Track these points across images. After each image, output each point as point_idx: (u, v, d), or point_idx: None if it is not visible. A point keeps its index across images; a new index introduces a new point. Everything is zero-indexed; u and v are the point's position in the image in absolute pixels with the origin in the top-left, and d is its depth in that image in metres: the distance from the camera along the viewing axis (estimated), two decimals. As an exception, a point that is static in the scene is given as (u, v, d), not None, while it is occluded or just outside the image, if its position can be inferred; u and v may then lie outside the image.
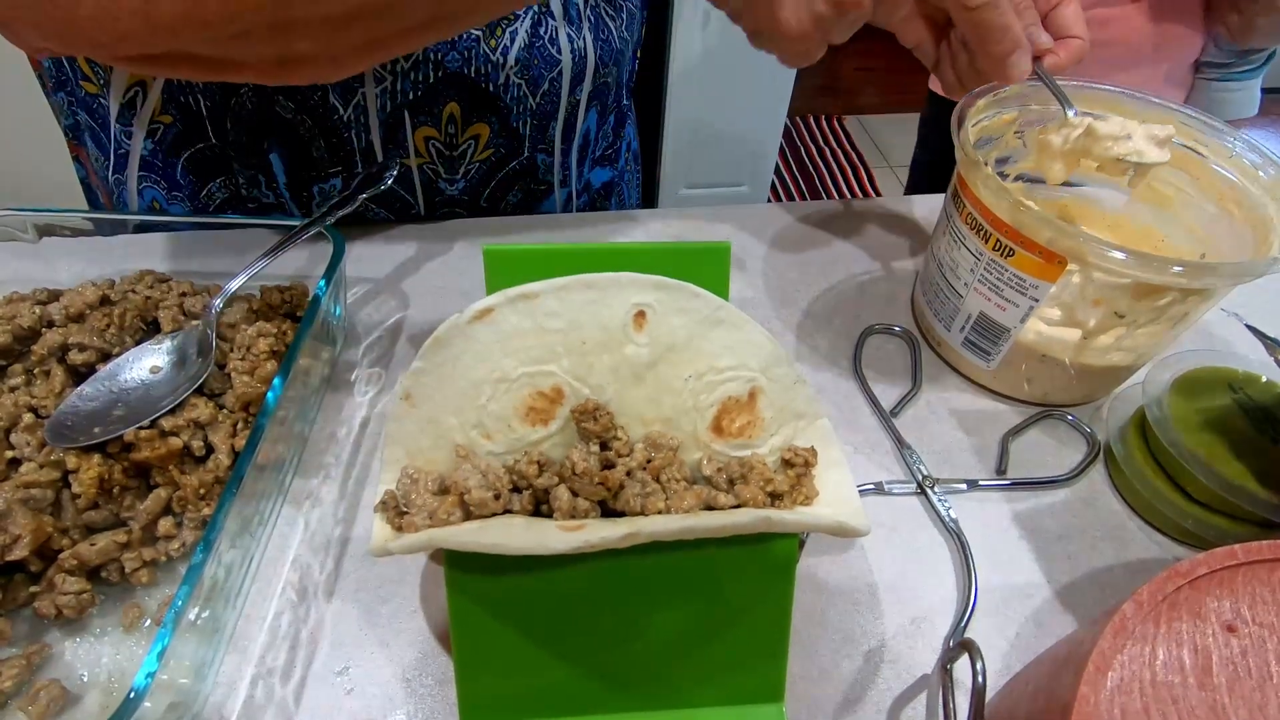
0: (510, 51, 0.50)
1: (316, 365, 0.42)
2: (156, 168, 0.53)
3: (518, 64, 0.51)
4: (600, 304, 0.31)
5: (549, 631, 0.29)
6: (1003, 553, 0.39)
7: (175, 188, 0.53)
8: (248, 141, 0.51)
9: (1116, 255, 0.36)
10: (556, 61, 0.53)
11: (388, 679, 0.33)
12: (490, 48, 0.49)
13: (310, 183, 0.53)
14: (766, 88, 1.53)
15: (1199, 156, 0.45)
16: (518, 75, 0.52)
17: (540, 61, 0.52)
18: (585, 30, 0.53)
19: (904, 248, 0.57)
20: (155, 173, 0.53)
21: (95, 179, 0.57)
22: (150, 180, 0.53)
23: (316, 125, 0.50)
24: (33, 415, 0.35)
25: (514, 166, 0.57)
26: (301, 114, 0.49)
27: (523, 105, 0.53)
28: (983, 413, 0.46)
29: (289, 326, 0.42)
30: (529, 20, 0.50)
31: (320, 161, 0.52)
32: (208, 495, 0.35)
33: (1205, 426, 0.39)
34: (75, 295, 0.39)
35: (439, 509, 0.29)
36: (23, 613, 0.32)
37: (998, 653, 0.35)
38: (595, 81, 0.57)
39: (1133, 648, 0.25)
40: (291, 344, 0.37)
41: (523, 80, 0.52)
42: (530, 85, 0.53)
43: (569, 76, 0.54)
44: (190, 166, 0.53)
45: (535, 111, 0.54)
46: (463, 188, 0.56)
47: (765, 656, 0.30)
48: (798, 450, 0.33)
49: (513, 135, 0.55)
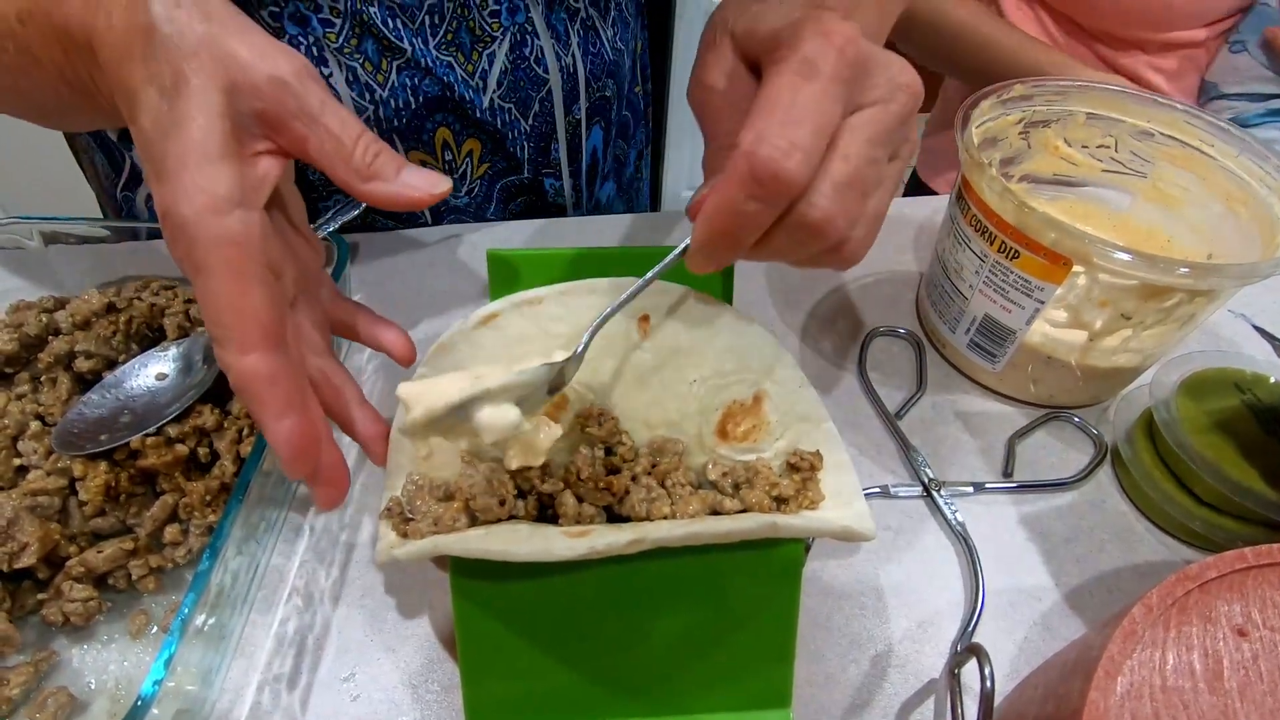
0: (490, 74, 0.49)
1: (321, 371, 0.42)
2: None
3: (500, 87, 0.50)
4: (604, 309, 0.31)
5: (555, 637, 0.29)
6: (1010, 556, 0.38)
7: None
8: None
9: (1122, 256, 0.36)
10: (544, 81, 0.51)
11: (394, 685, 0.33)
12: (468, 73, 0.48)
13: (311, 203, 0.53)
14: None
15: (1205, 156, 0.45)
16: (502, 98, 0.50)
17: (526, 82, 0.51)
18: (574, 46, 0.52)
19: (908, 250, 0.57)
20: None
21: (103, 194, 0.57)
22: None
23: None
24: (40, 423, 0.35)
25: (515, 181, 0.56)
26: None
27: (515, 129, 0.52)
28: (988, 415, 0.45)
29: (294, 332, 0.42)
30: (508, 41, 0.49)
31: (316, 184, 0.52)
32: (213, 502, 0.35)
33: (1213, 428, 0.38)
34: (81, 303, 0.39)
35: (444, 515, 0.29)
36: (30, 619, 0.33)
37: (1005, 656, 0.35)
38: (591, 98, 0.56)
39: (1142, 652, 0.25)
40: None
41: (510, 104, 0.51)
42: (520, 107, 0.51)
43: (561, 95, 0.53)
44: None
45: (530, 133, 0.53)
46: (466, 203, 0.56)
47: (772, 661, 0.30)
48: (803, 454, 0.32)
49: (509, 157, 0.54)
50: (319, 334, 0.30)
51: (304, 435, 0.25)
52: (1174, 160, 0.47)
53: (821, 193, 0.23)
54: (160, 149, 0.23)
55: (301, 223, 0.30)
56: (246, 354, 0.24)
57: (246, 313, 0.23)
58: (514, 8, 0.48)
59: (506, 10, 0.48)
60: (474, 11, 0.47)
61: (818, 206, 0.23)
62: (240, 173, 0.24)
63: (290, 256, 0.28)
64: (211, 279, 0.23)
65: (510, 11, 0.48)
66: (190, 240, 0.23)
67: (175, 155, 0.23)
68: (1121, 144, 0.48)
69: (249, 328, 0.23)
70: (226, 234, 0.23)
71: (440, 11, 0.46)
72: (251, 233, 0.24)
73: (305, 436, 0.25)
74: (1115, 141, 0.49)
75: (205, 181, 0.23)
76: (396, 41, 0.46)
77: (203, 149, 0.23)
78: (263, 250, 0.24)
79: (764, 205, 0.23)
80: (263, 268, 0.24)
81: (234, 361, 0.24)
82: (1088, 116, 0.48)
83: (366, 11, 0.44)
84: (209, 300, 0.23)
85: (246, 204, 0.24)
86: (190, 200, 0.23)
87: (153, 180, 0.23)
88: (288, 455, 0.25)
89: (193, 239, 0.23)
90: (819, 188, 0.23)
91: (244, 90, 0.24)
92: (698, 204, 0.25)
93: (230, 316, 0.23)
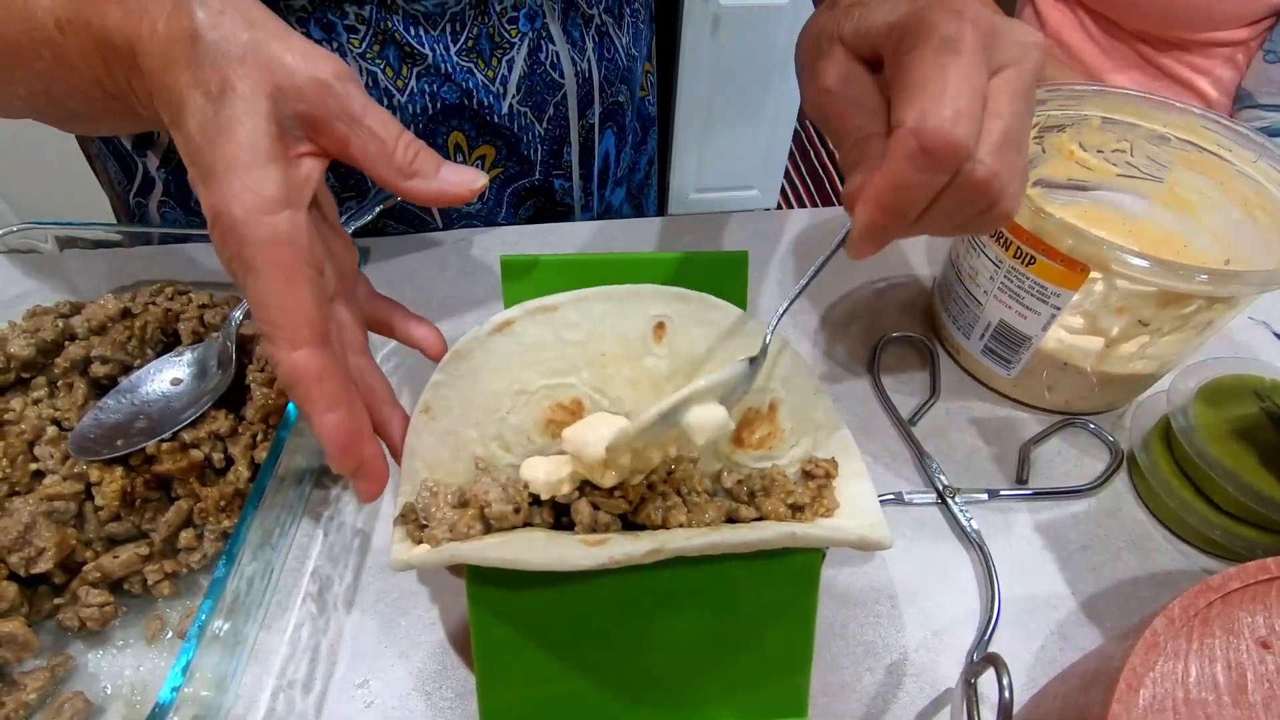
0: (510, 80, 0.50)
1: (334, 376, 0.42)
2: (173, 192, 0.53)
3: (519, 92, 0.51)
4: (620, 315, 0.31)
5: (570, 644, 0.29)
6: (1025, 563, 0.38)
7: (193, 212, 0.54)
8: None
9: (1141, 263, 0.35)
10: (559, 85, 0.52)
11: (407, 692, 0.33)
12: (488, 79, 0.49)
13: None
14: (776, 91, 1.53)
15: (1223, 161, 0.45)
16: (520, 103, 0.51)
17: (542, 87, 0.51)
18: (589, 51, 0.53)
19: (920, 254, 0.57)
20: (172, 197, 0.53)
21: (116, 201, 0.57)
22: (169, 204, 0.54)
23: None
24: (56, 428, 0.35)
25: (525, 184, 0.57)
26: None
27: (530, 133, 0.53)
28: (1002, 421, 0.45)
29: (307, 337, 0.42)
30: (525, 46, 0.49)
31: (331, 188, 0.52)
32: (228, 507, 0.35)
33: (1232, 436, 0.38)
34: (97, 308, 0.40)
35: (459, 522, 0.29)
36: (46, 624, 0.33)
37: (1022, 665, 0.34)
38: (605, 103, 0.56)
39: (1165, 664, 0.25)
40: (310, 355, 0.37)
41: (526, 108, 0.52)
42: (535, 111, 0.52)
43: (575, 99, 0.54)
44: None
45: (544, 137, 0.54)
46: (478, 208, 0.57)
47: (788, 670, 0.30)
48: (818, 462, 0.32)
49: (522, 160, 0.54)
50: (357, 331, 0.31)
51: (351, 429, 0.25)
52: (1191, 165, 0.46)
53: (985, 152, 0.24)
54: (209, 153, 0.23)
55: (335, 222, 0.31)
56: (296, 349, 0.24)
57: (296, 310, 0.24)
58: (532, 14, 0.48)
59: (525, 16, 0.48)
60: (494, 18, 0.47)
61: (983, 164, 0.24)
62: (286, 174, 0.24)
63: (329, 255, 0.28)
64: (262, 278, 0.24)
65: (529, 18, 0.48)
66: (240, 240, 0.24)
67: (224, 159, 0.23)
68: (1137, 148, 0.48)
69: (298, 324, 0.24)
70: (276, 234, 0.24)
71: (461, 19, 0.47)
72: (299, 232, 0.24)
73: (352, 431, 0.26)
74: (1130, 146, 0.48)
75: (254, 183, 0.23)
76: (418, 48, 0.46)
77: (251, 152, 0.24)
78: (310, 249, 0.25)
79: (934, 174, 0.24)
80: (310, 266, 0.25)
81: (284, 357, 0.24)
82: (1103, 121, 0.47)
83: (390, 19, 0.45)
84: (259, 298, 0.24)
85: (293, 204, 0.24)
86: (240, 202, 0.23)
87: (200, 183, 0.24)
88: (336, 449, 0.25)
89: (243, 239, 0.23)
90: (981, 148, 0.24)
91: (288, 93, 0.24)
92: (856, 192, 0.26)
93: (280, 314, 0.24)
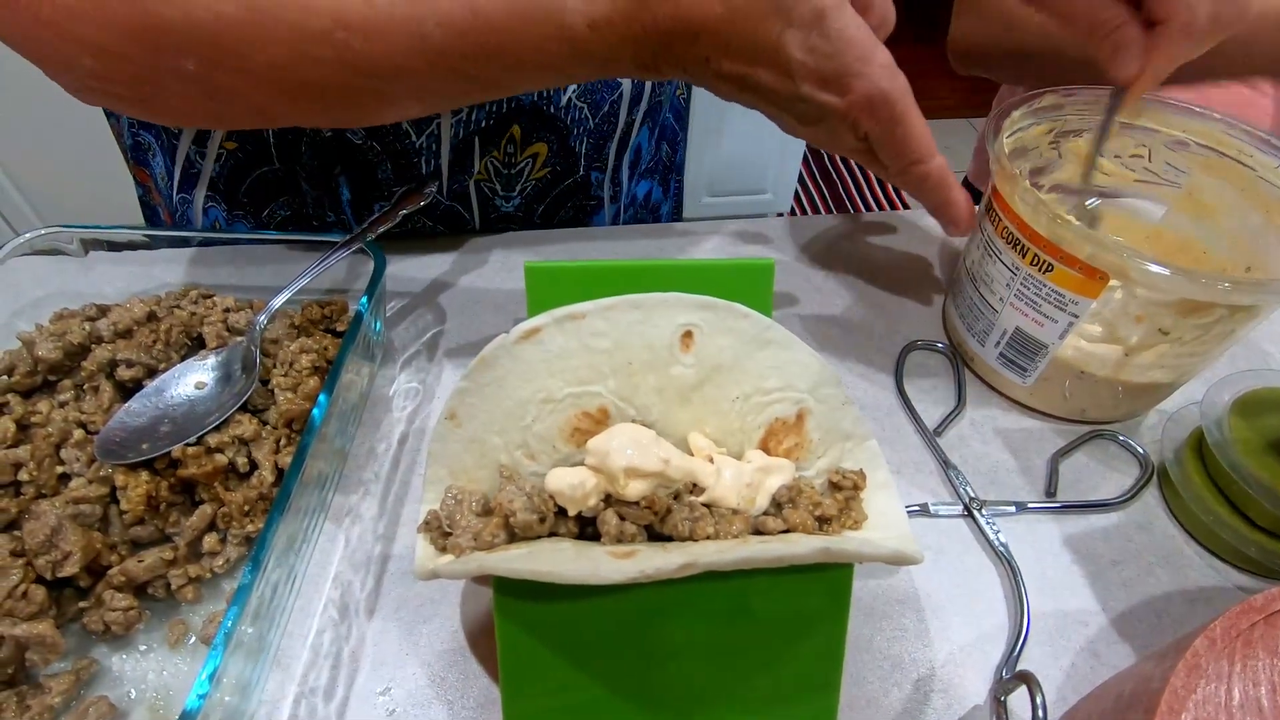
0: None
1: (356, 381, 0.42)
2: (220, 188, 0.54)
3: (580, 88, 0.52)
4: (647, 324, 0.31)
5: (595, 656, 0.29)
6: (1054, 578, 0.37)
7: (237, 207, 0.54)
8: (318, 165, 0.52)
9: (1161, 271, 0.35)
10: (617, 85, 0.54)
11: (429, 700, 0.32)
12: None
13: (373, 201, 0.54)
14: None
15: (1244, 167, 0.44)
16: (580, 99, 0.52)
17: (604, 86, 0.53)
18: None
19: (935, 260, 0.56)
20: (219, 193, 0.54)
21: (158, 197, 0.58)
22: (214, 200, 0.54)
23: (385, 150, 0.51)
24: (82, 431, 0.35)
25: (569, 184, 0.57)
26: (371, 140, 0.50)
27: (582, 127, 0.54)
28: (1028, 432, 0.45)
29: (329, 341, 0.42)
30: None
31: (385, 182, 0.53)
32: (252, 512, 0.35)
33: (1268, 449, 0.37)
34: (123, 311, 0.40)
35: (483, 530, 0.29)
36: (71, 627, 0.33)
37: (1052, 683, 0.34)
38: (650, 100, 0.58)
39: (1207, 687, 0.24)
40: (335, 362, 0.37)
41: (584, 104, 0.53)
42: (591, 108, 0.53)
43: (629, 98, 0.55)
44: (254, 188, 0.54)
45: (593, 131, 0.55)
46: (518, 204, 0.57)
47: (817, 688, 0.29)
48: (846, 473, 0.32)
49: (569, 154, 0.55)
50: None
51: (970, 202, 0.39)
52: (1210, 170, 0.46)
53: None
54: (835, 61, 0.31)
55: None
56: (935, 158, 0.36)
57: (926, 133, 0.34)
58: None
59: None
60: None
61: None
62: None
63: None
64: (907, 119, 0.33)
65: None
66: (892, 104, 0.33)
67: (854, 55, 0.31)
68: (1155, 154, 0.47)
69: (929, 142, 0.35)
70: (906, 87, 0.33)
71: None
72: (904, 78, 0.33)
73: (970, 203, 0.39)
74: (1149, 151, 0.48)
75: (884, 59, 0.32)
76: None
77: (870, 41, 0.32)
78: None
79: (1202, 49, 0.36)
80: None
81: (932, 167, 0.36)
82: (1121, 125, 0.47)
83: None
84: (911, 134, 0.34)
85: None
86: (885, 77, 0.32)
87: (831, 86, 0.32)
88: (966, 215, 0.39)
89: (893, 101, 0.33)
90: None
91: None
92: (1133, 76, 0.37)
93: (922, 139, 0.34)
